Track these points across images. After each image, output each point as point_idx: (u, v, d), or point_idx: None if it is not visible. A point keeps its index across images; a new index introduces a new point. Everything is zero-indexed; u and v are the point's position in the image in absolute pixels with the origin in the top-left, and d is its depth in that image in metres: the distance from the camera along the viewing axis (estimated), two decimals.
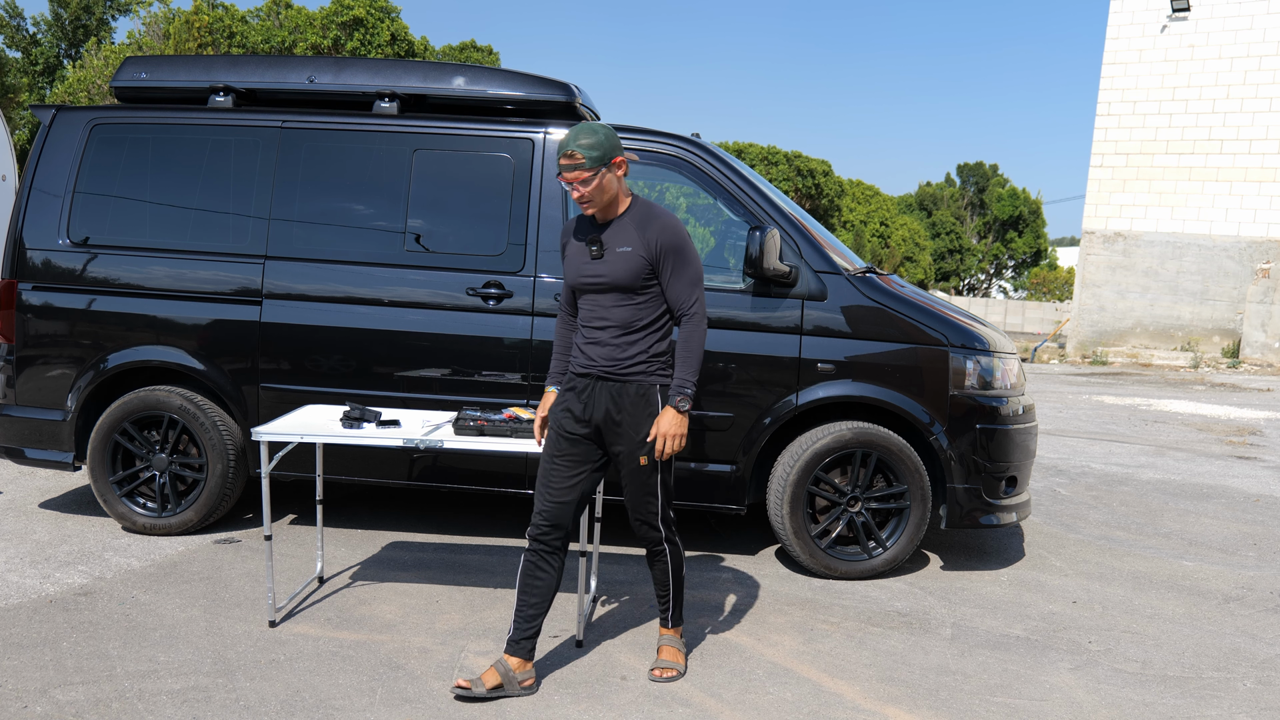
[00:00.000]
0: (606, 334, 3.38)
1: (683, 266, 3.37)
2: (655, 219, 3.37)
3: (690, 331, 3.37)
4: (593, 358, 3.40)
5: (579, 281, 3.42)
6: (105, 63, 25.28)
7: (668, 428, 3.35)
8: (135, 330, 5.06)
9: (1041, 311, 47.71)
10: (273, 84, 5.23)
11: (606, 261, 3.35)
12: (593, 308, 3.41)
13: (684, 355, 3.37)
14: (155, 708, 3.23)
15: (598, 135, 3.27)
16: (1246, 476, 8.10)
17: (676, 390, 3.36)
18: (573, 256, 3.46)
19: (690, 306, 3.38)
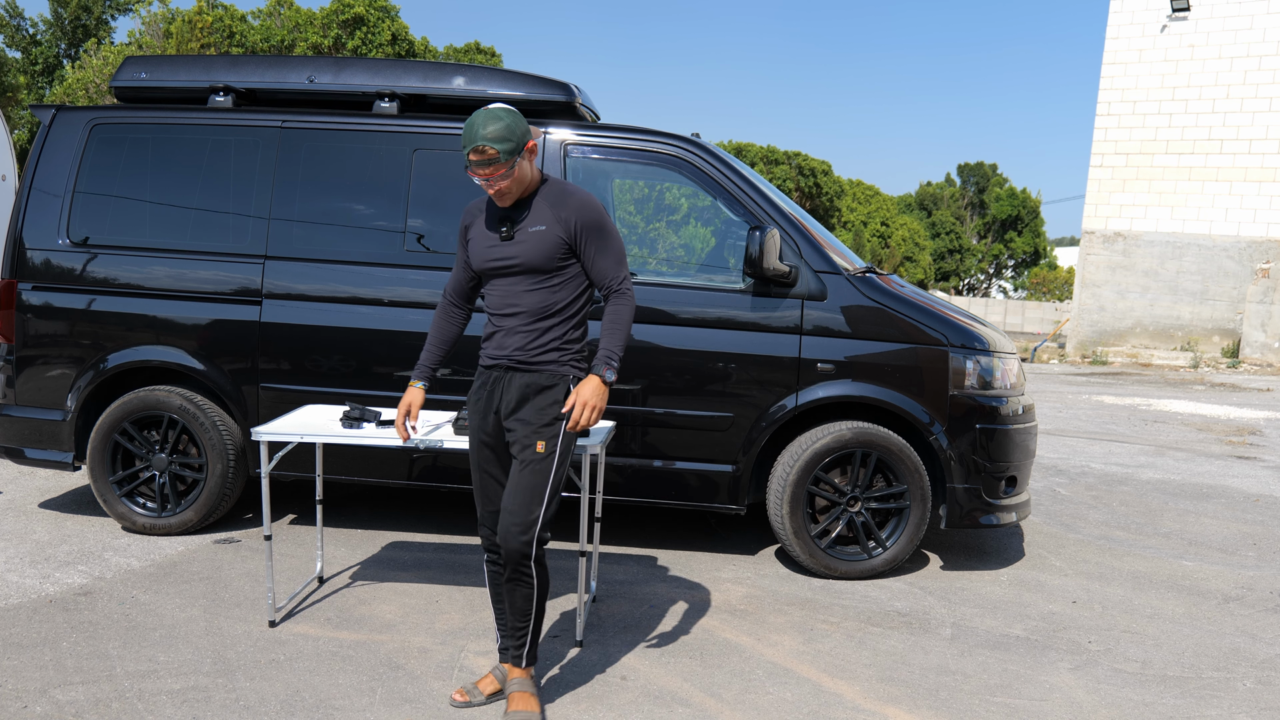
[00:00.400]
0: (517, 320, 3.16)
1: (605, 242, 3.18)
2: (570, 195, 3.17)
3: (619, 306, 3.20)
4: (503, 347, 3.19)
5: (487, 265, 3.18)
6: (105, 62, 25.28)
7: (589, 395, 3.13)
8: (135, 330, 5.06)
9: (1041, 311, 47.72)
10: (273, 84, 5.23)
11: (518, 242, 3.13)
12: (502, 294, 3.18)
13: (612, 328, 3.19)
14: (155, 708, 3.23)
15: (505, 122, 3.02)
16: (1246, 476, 8.11)
17: (603, 360, 3.16)
18: (478, 239, 3.22)
19: (619, 283, 3.19)
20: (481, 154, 3.02)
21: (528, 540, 3.11)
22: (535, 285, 3.15)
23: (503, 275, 3.17)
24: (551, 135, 5.00)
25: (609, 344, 3.18)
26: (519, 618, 3.24)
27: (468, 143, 3.02)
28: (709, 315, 4.84)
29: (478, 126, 3.00)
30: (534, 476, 3.12)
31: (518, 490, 3.12)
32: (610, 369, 3.16)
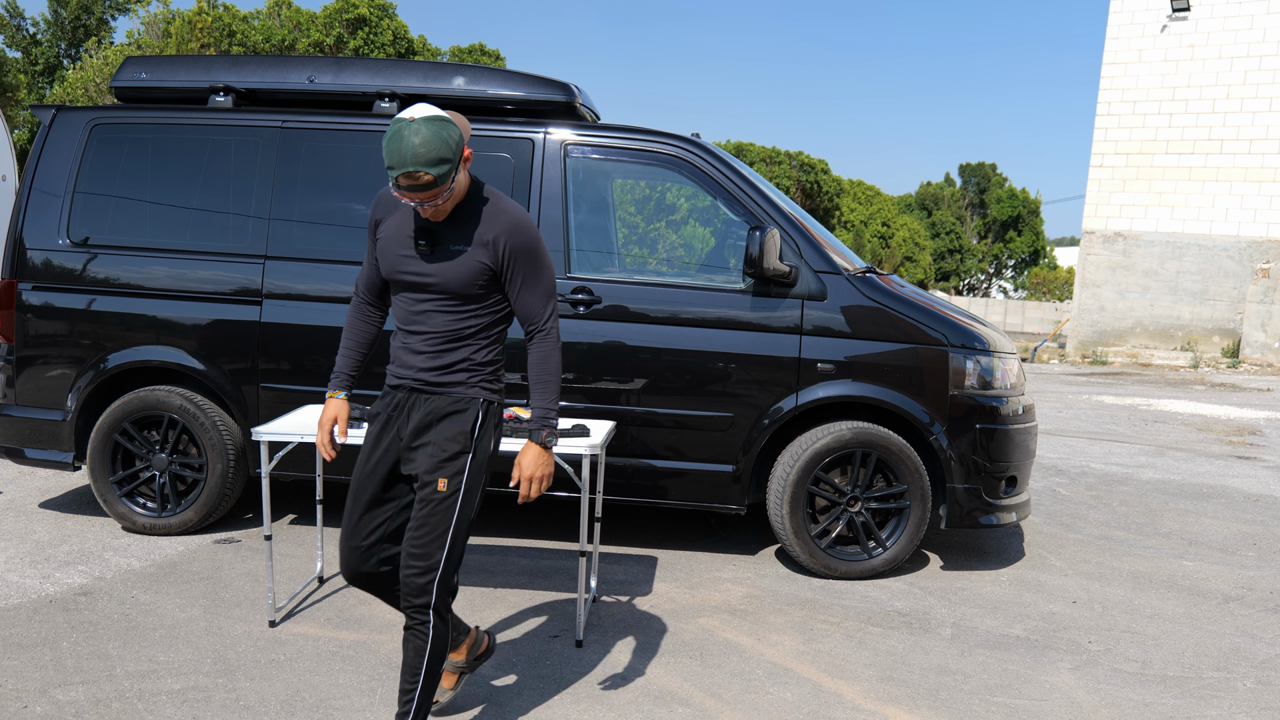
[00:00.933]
0: (423, 340, 2.79)
1: (536, 274, 2.79)
2: (503, 214, 2.75)
3: (549, 351, 2.83)
4: (407, 365, 2.83)
5: (398, 276, 2.80)
6: (105, 62, 25.29)
7: (533, 469, 2.81)
8: (135, 330, 5.06)
9: (1041, 311, 47.71)
10: (273, 84, 5.23)
11: (437, 261, 2.74)
12: (410, 309, 2.81)
13: (544, 380, 2.82)
14: (155, 708, 3.23)
15: (440, 137, 2.55)
16: (1246, 476, 8.11)
17: (540, 423, 2.81)
18: (390, 243, 2.81)
19: (545, 321, 2.82)
20: (414, 180, 2.57)
21: (429, 582, 2.73)
22: (448, 308, 2.78)
23: (414, 291, 2.80)
24: (551, 135, 5.00)
25: (545, 400, 2.82)
26: (407, 676, 2.78)
27: (396, 164, 2.55)
28: (709, 315, 4.84)
29: (407, 146, 2.53)
30: (435, 516, 2.74)
31: (419, 527, 2.75)
32: (550, 432, 2.82)
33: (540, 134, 5.00)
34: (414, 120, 2.56)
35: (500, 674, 3.59)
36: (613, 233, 5.72)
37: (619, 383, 4.85)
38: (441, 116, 2.59)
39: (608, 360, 4.84)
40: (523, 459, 2.83)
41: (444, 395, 2.80)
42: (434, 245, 2.74)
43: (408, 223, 2.80)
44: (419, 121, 2.56)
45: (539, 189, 4.96)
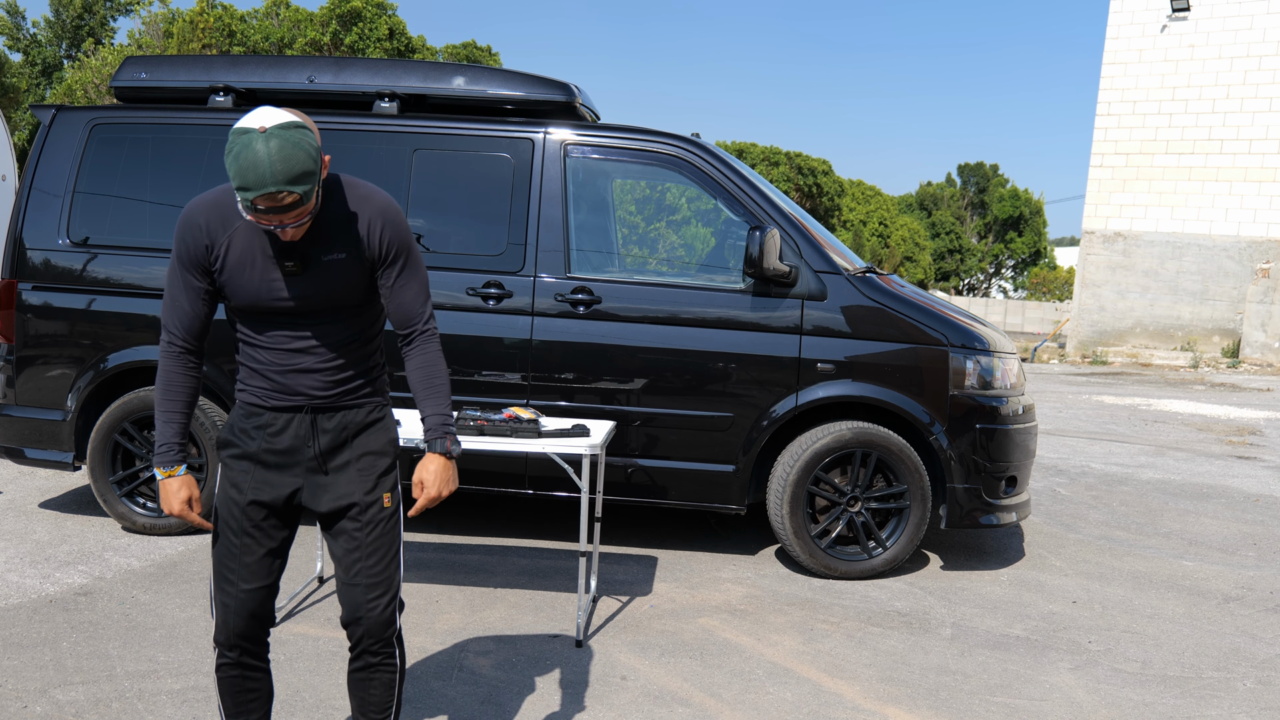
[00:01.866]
0: (312, 358, 2.39)
1: (414, 268, 2.44)
2: (367, 203, 2.37)
3: (435, 353, 2.48)
4: (290, 389, 2.40)
5: (268, 305, 2.34)
6: (105, 63, 25.30)
7: (438, 483, 2.46)
8: (135, 330, 5.06)
9: (1041, 311, 47.72)
10: (273, 84, 5.23)
11: (313, 277, 2.33)
12: (285, 332, 2.38)
13: (435, 385, 2.47)
14: (155, 708, 3.23)
15: (303, 150, 2.14)
16: (1246, 476, 8.11)
17: (440, 431, 2.46)
18: (243, 270, 2.32)
19: (425, 320, 2.47)
20: (276, 201, 2.15)
21: (393, 611, 2.49)
22: (334, 320, 2.41)
23: (290, 317, 2.38)
24: (551, 135, 5.00)
25: (439, 407, 2.47)
26: (378, 712, 2.53)
27: (253, 185, 2.12)
28: (709, 315, 4.84)
29: (263, 163, 2.11)
30: (385, 535, 2.47)
31: (371, 553, 2.45)
32: (453, 440, 2.49)
33: (540, 134, 5.00)
34: (264, 130, 2.13)
35: (500, 674, 3.59)
36: (613, 233, 5.72)
37: (619, 383, 4.85)
38: (295, 122, 2.17)
39: (607, 360, 4.84)
40: (425, 472, 2.46)
41: (355, 408, 2.46)
42: (304, 262, 2.32)
43: (260, 243, 2.32)
44: (271, 131, 2.13)
45: (539, 189, 4.96)
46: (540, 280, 4.89)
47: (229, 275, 2.34)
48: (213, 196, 2.36)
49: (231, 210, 2.34)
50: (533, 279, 4.89)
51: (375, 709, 2.53)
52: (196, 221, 2.33)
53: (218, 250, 2.33)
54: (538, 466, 4.89)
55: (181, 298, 2.37)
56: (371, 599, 2.46)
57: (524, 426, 3.84)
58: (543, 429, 3.86)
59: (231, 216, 2.34)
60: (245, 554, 2.45)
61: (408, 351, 2.48)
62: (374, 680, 2.51)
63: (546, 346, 4.85)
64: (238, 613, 2.43)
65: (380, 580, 2.47)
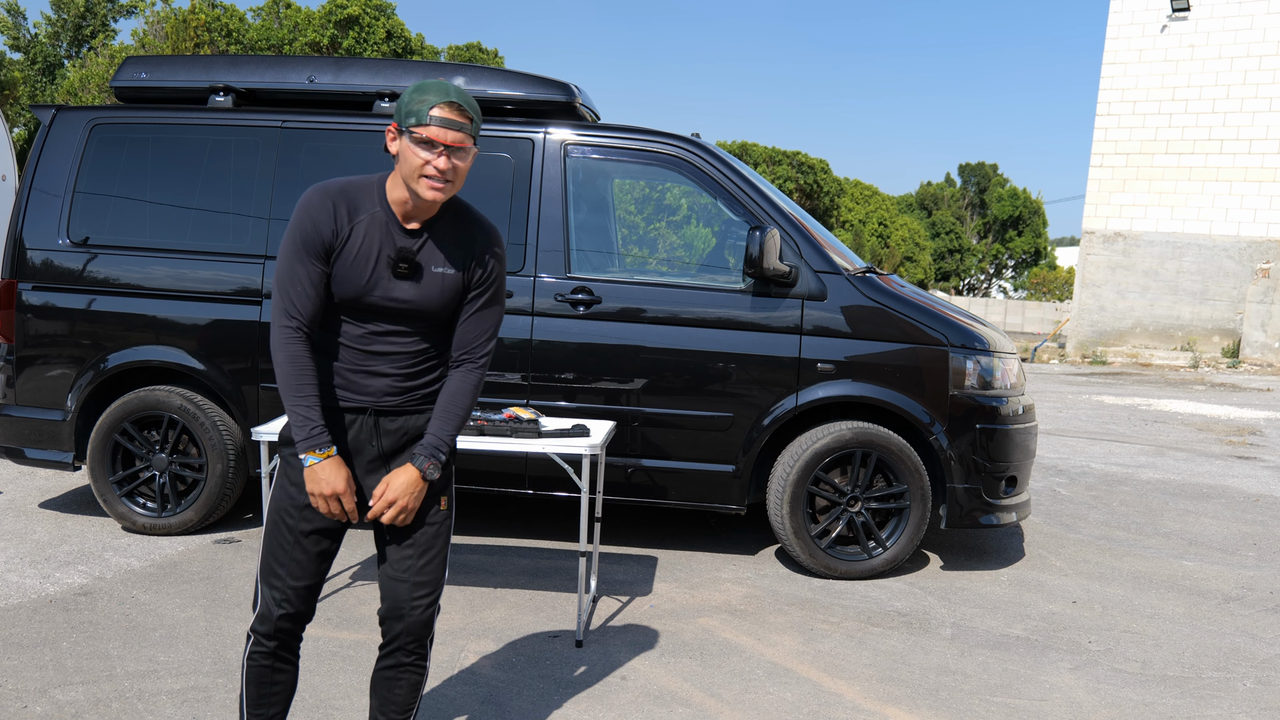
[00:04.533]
0: (387, 363, 2.44)
1: (498, 303, 2.51)
2: (481, 228, 2.49)
3: (471, 386, 2.48)
4: (362, 389, 2.44)
5: (368, 301, 2.39)
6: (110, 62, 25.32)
7: (401, 495, 2.38)
8: (135, 330, 5.06)
9: (1041, 311, 47.72)
10: (273, 84, 5.23)
11: (419, 284, 2.40)
12: (369, 329, 2.42)
13: (452, 411, 2.46)
14: (155, 708, 3.23)
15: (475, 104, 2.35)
16: (1246, 476, 8.10)
17: (429, 450, 2.42)
18: (353, 264, 2.36)
19: (481, 355, 2.50)
20: (452, 115, 2.27)
21: (434, 611, 2.51)
22: (421, 330, 2.46)
23: (384, 316, 2.42)
24: (551, 135, 5.00)
25: (444, 431, 2.45)
26: (399, 712, 2.54)
27: (437, 95, 2.26)
28: (709, 315, 4.84)
29: (454, 89, 2.29)
30: (438, 537, 2.50)
31: (425, 552, 2.48)
32: (435, 464, 2.43)
33: (540, 134, 5.00)
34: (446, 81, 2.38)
35: (500, 674, 3.59)
36: (613, 232, 5.72)
37: (619, 383, 4.85)
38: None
39: (607, 360, 4.84)
40: (394, 479, 2.39)
41: (418, 413, 2.50)
42: (416, 268, 2.39)
43: (381, 240, 2.38)
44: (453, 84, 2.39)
45: (539, 189, 4.96)
46: (540, 280, 4.89)
47: (343, 263, 2.36)
48: (341, 184, 2.39)
49: (360, 199, 2.38)
50: (533, 279, 4.89)
51: (397, 709, 2.53)
52: (327, 205, 2.35)
53: (344, 234, 2.36)
54: (538, 466, 4.89)
55: (305, 281, 2.35)
56: (417, 597, 2.48)
57: (524, 426, 3.84)
58: (543, 429, 3.86)
59: (359, 206, 2.37)
60: (297, 551, 2.46)
61: (452, 373, 2.50)
62: (401, 680, 2.52)
63: (546, 346, 4.85)
64: (281, 605, 2.45)
65: (427, 580, 2.48)
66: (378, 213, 2.38)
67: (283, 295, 2.36)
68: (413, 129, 2.27)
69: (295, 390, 2.36)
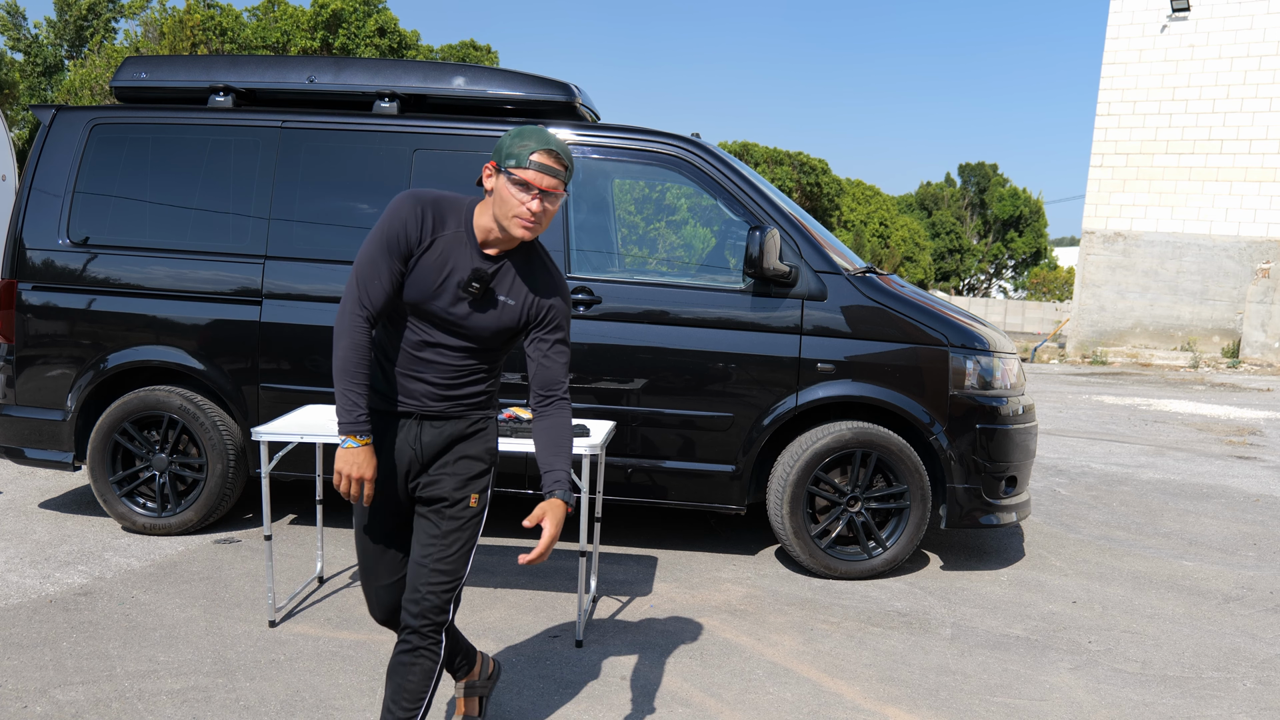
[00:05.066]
0: (434, 372, 2.59)
1: (566, 344, 2.66)
2: (551, 276, 2.63)
3: (567, 419, 2.66)
4: (409, 393, 2.59)
5: (429, 309, 2.53)
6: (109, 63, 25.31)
7: (557, 529, 2.51)
8: (135, 330, 5.06)
9: (1041, 311, 47.72)
10: (273, 84, 5.23)
11: (481, 309, 2.55)
12: (423, 336, 2.57)
13: (562, 446, 2.62)
14: (155, 708, 3.23)
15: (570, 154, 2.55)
16: (1246, 476, 8.10)
17: (560, 485, 2.58)
18: (429, 271, 2.51)
19: (565, 389, 2.66)
20: (550, 162, 2.44)
21: (450, 599, 2.62)
22: (469, 348, 2.60)
23: (440, 326, 2.57)
24: None
25: (563, 464, 2.62)
26: (410, 701, 2.60)
27: (538, 143, 2.43)
28: (709, 315, 4.84)
29: (550, 136, 2.48)
30: (465, 531, 2.63)
31: (450, 545, 2.61)
32: (568, 491, 2.61)
33: None
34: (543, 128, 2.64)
35: (500, 674, 3.59)
36: (613, 233, 5.72)
37: (619, 383, 4.85)
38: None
39: (607, 360, 4.84)
40: (550, 519, 2.52)
41: (460, 419, 2.64)
42: (484, 293, 2.54)
43: (459, 256, 2.52)
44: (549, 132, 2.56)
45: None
46: None
47: (419, 269, 2.51)
48: (435, 196, 2.56)
49: (447, 215, 2.54)
50: None
51: (408, 697, 2.60)
52: (417, 211, 2.50)
53: (426, 242, 2.51)
54: (538, 466, 4.89)
55: (383, 276, 2.49)
56: (434, 581, 2.59)
57: (524, 427, 3.84)
58: None
59: (446, 221, 2.53)
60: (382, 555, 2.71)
61: (543, 411, 2.65)
62: (415, 666, 2.60)
63: None
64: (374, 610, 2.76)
65: (447, 568, 2.61)
66: (460, 232, 2.53)
67: (359, 285, 2.50)
68: (511, 170, 2.43)
69: (351, 376, 2.50)
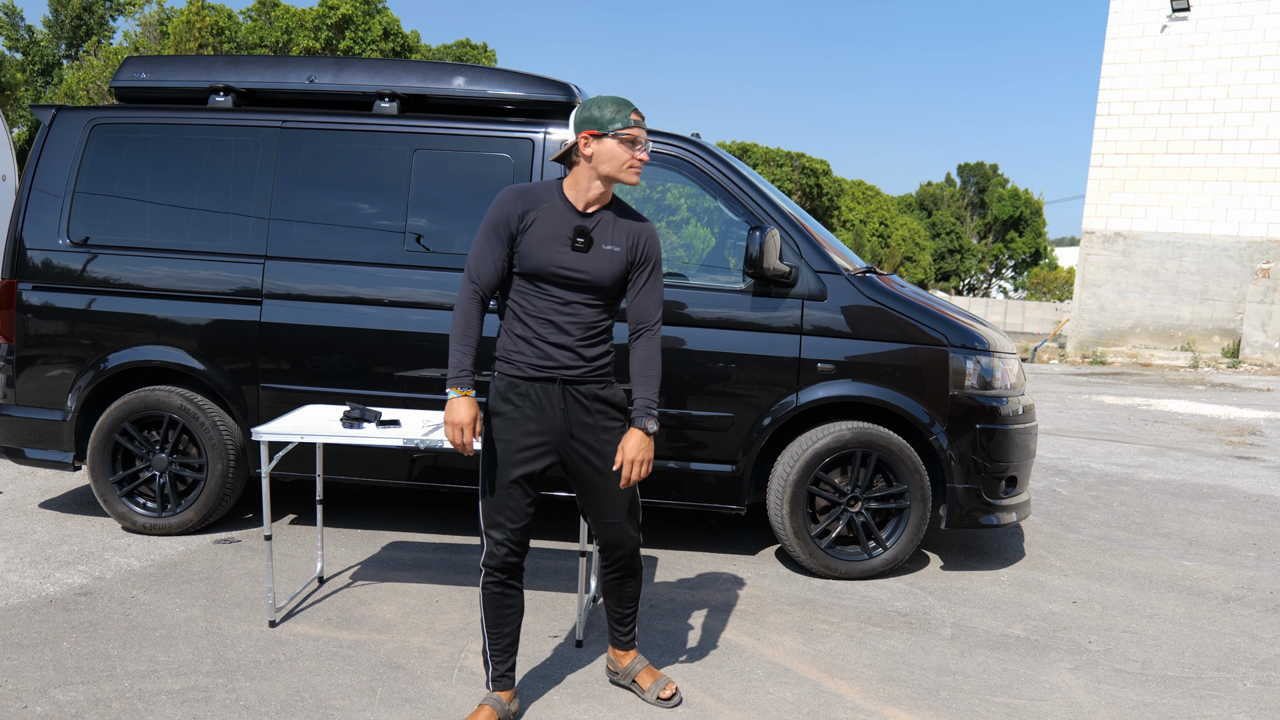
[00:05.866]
0: (568, 335, 3.01)
1: (658, 278, 3.10)
2: (639, 219, 3.09)
3: (656, 348, 3.09)
4: (549, 358, 3.01)
5: (550, 271, 2.97)
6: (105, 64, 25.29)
7: (636, 452, 3.01)
8: (135, 330, 5.06)
9: (1041, 311, 47.73)
10: (273, 84, 5.23)
11: (591, 258, 2.99)
12: (552, 303, 3.00)
13: (650, 374, 3.07)
14: (155, 708, 3.23)
15: None
16: (1246, 476, 8.10)
17: (644, 411, 3.03)
18: (540, 239, 2.97)
19: (655, 322, 3.10)
20: (640, 116, 2.99)
21: (640, 533, 3.26)
22: (592, 302, 3.03)
23: (563, 285, 3.00)
24: (551, 135, 5.00)
25: (648, 391, 3.05)
26: (629, 604, 3.37)
27: (628, 106, 2.98)
28: (709, 315, 4.83)
29: (625, 99, 3.01)
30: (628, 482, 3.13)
31: (619, 499, 3.15)
32: (653, 419, 3.04)
33: (540, 134, 5.00)
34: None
35: None
36: None
37: (619, 382, 4.84)
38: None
39: None
40: (626, 443, 3.02)
41: (598, 382, 3.08)
42: (589, 245, 2.99)
43: (562, 221, 2.99)
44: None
45: None
46: None
47: (528, 242, 2.97)
48: (525, 186, 3.06)
49: (539, 196, 3.01)
50: None
51: (629, 600, 3.36)
52: (516, 202, 2.99)
53: (526, 221, 2.97)
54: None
55: (489, 257, 2.98)
56: (632, 531, 3.21)
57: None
58: None
59: (539, 201, 3.00)
60: (511, 501, 3.06)
61: (635, 344, 3.10)
62: (628, 584, 3.32)
63: None
64: (504, 545, 3.07)
65: (633, 514, 3.19)
66: (556, 203, 3.01)
67: (471, 263, 3.00)
68: (619, 132, 2.95)
69: (461, 340, 2.97)
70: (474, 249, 3.00)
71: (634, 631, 3.44)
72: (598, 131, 2.96)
